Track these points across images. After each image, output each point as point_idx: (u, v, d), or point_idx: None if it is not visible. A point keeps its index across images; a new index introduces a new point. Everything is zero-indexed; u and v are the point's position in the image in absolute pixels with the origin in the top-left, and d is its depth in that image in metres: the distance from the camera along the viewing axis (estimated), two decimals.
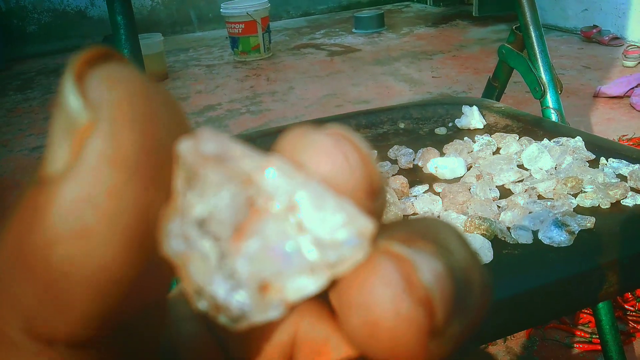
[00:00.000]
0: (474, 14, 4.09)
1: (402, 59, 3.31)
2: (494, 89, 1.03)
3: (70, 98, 0.09)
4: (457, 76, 2.87)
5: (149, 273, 0.10)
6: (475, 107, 0.85)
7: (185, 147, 0.10)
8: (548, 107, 0.86)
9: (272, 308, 0.11)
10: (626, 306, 1.20)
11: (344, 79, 3.02)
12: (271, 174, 0.10)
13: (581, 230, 0.53)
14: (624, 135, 1.98)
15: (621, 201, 0.58)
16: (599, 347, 1.10)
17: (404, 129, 0.89)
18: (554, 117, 0.87)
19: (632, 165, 0.63)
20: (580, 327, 1.18)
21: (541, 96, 0.87)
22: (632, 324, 1.17)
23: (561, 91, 0.88)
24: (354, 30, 4.12)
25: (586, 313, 1.19)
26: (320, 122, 0.87)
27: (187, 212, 0.10)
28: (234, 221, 0.10)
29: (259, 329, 0.13)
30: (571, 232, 0.51)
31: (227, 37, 3.79)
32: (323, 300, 0.14)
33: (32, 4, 4.20)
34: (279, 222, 0.10)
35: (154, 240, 0.10)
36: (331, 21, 4.59)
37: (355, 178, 0.11)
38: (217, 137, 0.11)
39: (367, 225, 0.10)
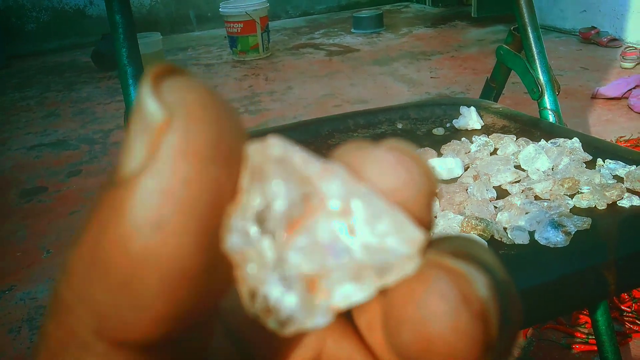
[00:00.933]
0: (472, 14, 4.10)
1: (400, 59, 3.31)
2: (492, 89, 1.03)
3: (148, 101, 0.10)
4: (456, 77, 2.88)
5: (214, 270, 0.11)
6: (473, 108, 0.85)
7: (253, 148, 0.11)
8: (545, 108, 0.86)
9: (319, 314, 0.11)
10: (622, 307, 1.21)
11: (342, 79, 3.02)
12: (331, 179, 0.11)
13: (577, 231, 0.53)
14: (621, 137, 1.99)
15: (617, 202, 0.58)
16: (596, 348, 1.10)
17: (402, 130, 0.89)
18: (551, 118, 0.87)
19: (629, 166, 0.63)
20: (577, 327, 1.18)
21: (539, 97, 0.87)
22: (628, 324, 1.17)
23: (559, 92, 0.88)
24: (352, 30, 4.12)
25: (583, 314, 1.19)
26: (320, 122, 0.86)
27: (248, 207, 0.11)
28: (289, 214, 0.11)
29: (285, 345, 0.14)
30: (567, 233, 0.51)
31: (225, 37, 3.79)
32: (347, 319, 0.14)
33: (31, 2, 4.20)
34: (331, 222, 0.11)
35: (220, 235, 0.11)
36: (330, 21, 4.59)
37: (418, 192, 0.11)
38: (284, 143, 0.11)
39: (418, 235, 0.11)
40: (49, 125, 2.69)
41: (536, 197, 0.61)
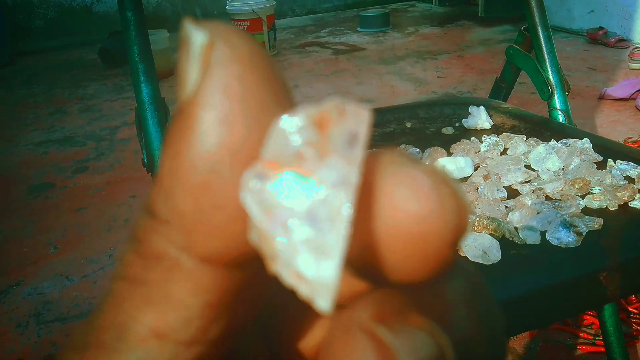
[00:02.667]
0: (479, 14, 4.09)
1: (407, 58, 3.31)
2: (501, 89, 1.03)
3: (192, 31, 0.11)
4: (462, 76, 2.87)
5: None
6: (482, 108, 0.85)
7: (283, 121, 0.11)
8: (555, 108, 0.86)
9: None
10: (630, 308, 1.20)
11: (348, 77, 3.02)
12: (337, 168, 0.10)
13: (589, 232, 0.53)
14: (629, 138, 1.98)
15: (629, 203, 0.58)
16: (602, 349, 1.10)
17: (411, 128, 0.89)
18: (561, 118, 0.87)
19: None
20: (583, 328, 1.18)
21: (548, 97, 0.87)
22: (635, 326, 1.17)
23: (568, 92, 0.88)
24: (359, 29, 4.12)
25: (589, 315, 1.19)
26: None
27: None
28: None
29: (294, 329, 0.14)
30: (579, 233, 0.51)
31: None
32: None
33: None
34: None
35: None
36: (336, 20, 4.58)
37: (446, 226, 0.11)
38: (305, 108, 0.11)
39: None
40: (56, 121, 2.70)
41: (547, 197, 0.61)
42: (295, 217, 0.10)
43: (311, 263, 0.10)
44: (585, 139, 0.70)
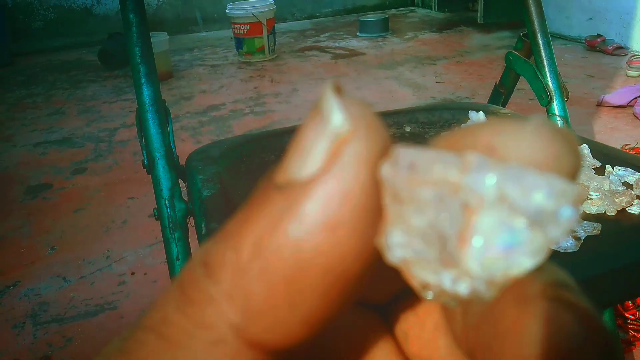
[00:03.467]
0: (478, 20, 4.11)
1: (406, 63, 3.32)
2: (500, 95, 1.03)
3: (335, 111, 0.11)
4: (461, 82, 2.88)
5: (365, 274, 0.11)
6: (481, 113, 0.85)
7: (386, 170, 0.11)
8: (554, 114, 0.86)
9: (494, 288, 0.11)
10: (626, 314, 1.21)
11: (347, 82, 3.02)
12: (476, 172, 0.10)
13: (587, 237, 0.53)
14: (626, 145, 1.99)
15: (627, 209, 0.58)
16: None
17: (410, 133, 0.90)
18: (559, 124, 0.87)
19: (638, 173, 0.64)
20: None
21: (547, 103, 0.87)
22: (632, 332, 1.17)
23: (567, 99, 0.89)
24: (358, 34, 4.13)
25: None
26: None
27: (408, 225, 0.11)
28: (456, 228, 0.10)
29: (336, 345, 0.14)
30: (577, 238, 0.51)
31: (232, 38, 3.80)
32: (387, 326, 0.15)
33: (38, 0, 4.22)
34: (493, 215, 0.10)
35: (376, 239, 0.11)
36: (336, 24, 4.60)
37: (566, 166, 0.11)
38: (410, 150, 0.11)
39: (571, 188, 0.10)
40: (55, 122, 2.70)
41: None
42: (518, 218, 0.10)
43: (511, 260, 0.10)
44: (584, 145, 0.71)
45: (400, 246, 0.11)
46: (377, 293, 0.15)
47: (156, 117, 0.71)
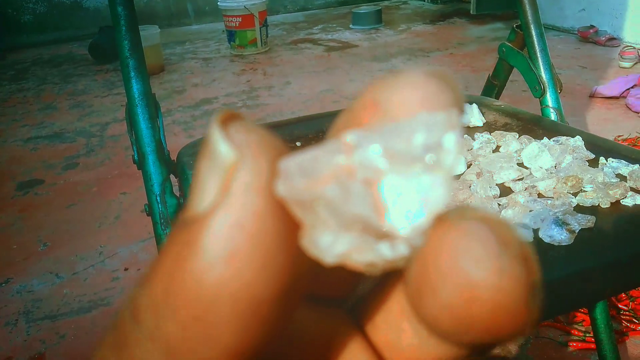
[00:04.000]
0: (471, 12, 4.09)
1: (399, 55, 3.31)
2: (494, 87, 1.03)
3: (220, 144, 0.11)
4: (454, 74, 2.88)
5: (284, 297, 0.11)
6: (474, 105, 0.85)
7: (281, 188, 0.11)
8: (548, 106, 0.86)
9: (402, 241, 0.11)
10: (620, 305, 1.21)
11: (341, 74, 3.01)
12: (357, 143, 0.11)
13: (581, 229, 0.53)
14: (619, 136, 1.99)
15: (621, 201, 0.58)
16: (593, 346, 1.11)
17: None
18: (553, 116, 0.87)
19: (632, 165, 0.63)
20: (574, 325, 1.18)
21: (541, 95, 0.87)
22: (625, 323, 1.18)
23: (561, 90, 0.88)
24: (351, 26, 4.11)
25: (580, 312, 1.19)
26: (316, 118, 0.86)
27: (328, 224, 0.11)
28: (370, 205, 0.11)
29: (299, 342, 0.14)
30: (571, 231, 0.51)
31: (223, 31, 3.77)
32: (353, 319, 0.15)
33: None
34: (392, 176, 0.11)
35: (288, 263, 0.11)
36: (329, 16, 4.58)
37: (443, 98, 0.11)
38: (292, 159, 0.11)
39: (445, 117, 0.11)
40: (46, 117, 2.67)
41: (539, 195, 0.61)
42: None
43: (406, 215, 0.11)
44: (578, 137, 0.70)
45: (331, 245, 0.11)
46: (334, 290, 0.15)
47: (146, 112, 0.70)
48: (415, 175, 0.11)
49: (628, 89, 2.33)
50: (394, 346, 0.14)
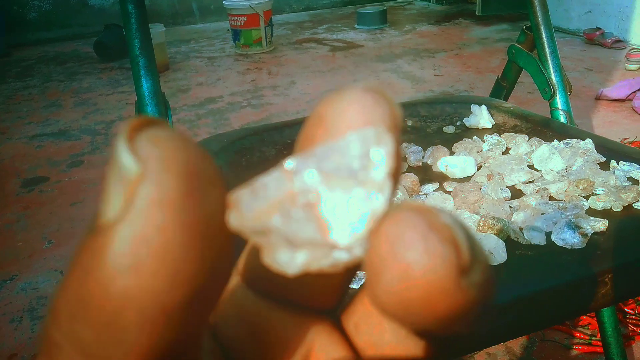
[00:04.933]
0: (477, 13, 4.09)
1: (404, 56, 3.30)
2: (502, 88, 1.03)
3: (123, 155, 0.11)
4: (460, 75, 2.87)
5: (193, 303, 0.12)
6: (484, 107, 0.85)
7: (233, 219, 0.12)
8: (557, 108, 0.86)
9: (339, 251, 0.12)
10: (626, 309, 1.21)
11: (345, 74, 3.01)
12: (294, 168, 0.12)
13: (594, 233, 0.52)
14: (625, 139, 1.99)
15: (633, 204, 0.57)
16: (599, 349, 1.10)
17: (412, 127, 0.89)
18: (562, 118, 0.87)
19: None
20: (579, 328, 1.18)
21: (550, 97, 0.87)
22: (631, 326, 1.18)
23: (570, 93, 0.88)
24: (356, 26, 4.11)
25: (586, 315, 1.19)
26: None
27: (283, 244, 0.12)
28: (315, 226, 0.12)
29: (274, 352, 0.15)
30: (584, 235, 0.51)
31: (228, 30, 3.77)
32: (335, 323, 0.16)
33: None
34: (330, 196, 0.12)
35: (196, 273, 0.11)
36: (334, 16, 4.57)
37: (387, 126, 0.12)
38: (242, 191, 0.12)
39: (375, 132, 0.12)
40: (51, 115, 2.68)
41: (551, 198, 0.60)
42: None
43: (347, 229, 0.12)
44: (588, 140, 0.70)
45: (290, 261, 0.12)
46: (322, 302, 0.16)
47: (156, 111, 0.70)
48: (350, 191, 0.12)
49: (634, 91, 2.33)
50: (376, 346, 0.15)
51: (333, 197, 0.12)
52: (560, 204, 0.57)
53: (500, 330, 0.44)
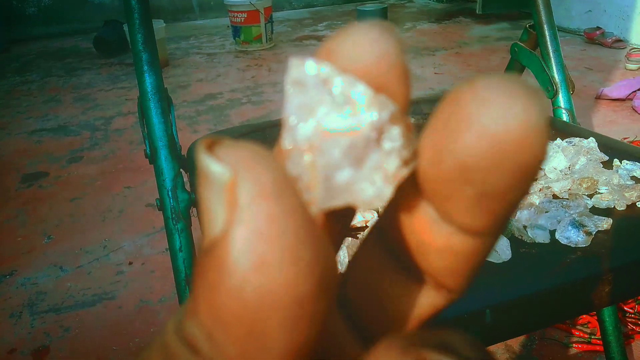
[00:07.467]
0: (477, 11, 4.08)
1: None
2: None
3: (212, 165, 0.11)
4: (460, 73, 2.87)
5: (324, 289, 0.12)
6: None
7: (287, 142, 0.13)
8: (560, 107, 0.86)
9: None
10: (625, 308, 1.21)
11: None
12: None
13: (598, 231, 0.52)
14: (625, 138, 1.99)
15: (637, 203, 0.57)
16: (598, 348, 1.11)
17: (414, 125, 0.89)
18: (565, 117, 0.87)
19: None
20: (579, 327, 1.18)
21: (553, 96, 0.87)
22: (631, 325, 1.18)
23: (573, 91, 0.88)
24: None
25: (586, 314, 1.19)
26: None
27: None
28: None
29: (399, 309, 0.16)
30: (588, 233, 0.51)
31: (228, 26, 3.76)
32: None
33: None
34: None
35: (316, 255, 0.11)
36: (334, 14, 4.57)
37: (393, 65, 0.13)
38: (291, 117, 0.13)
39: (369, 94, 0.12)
40: (50, 110, 2.67)
41: (554, 196, 0.60)
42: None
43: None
44: (591, 138, 0.70)
45: (343, 189, 0.13)
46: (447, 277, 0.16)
47: (158, 106, 0.69)
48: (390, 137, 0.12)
49: (634, 91, 2.33)
50: (425, 244, 0.15)
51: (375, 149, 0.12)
52: (564, 203, 0.58)
53: (503, 328, 0.44)
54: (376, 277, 0.16)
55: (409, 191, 0.14)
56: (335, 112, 0.12)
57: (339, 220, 0.15)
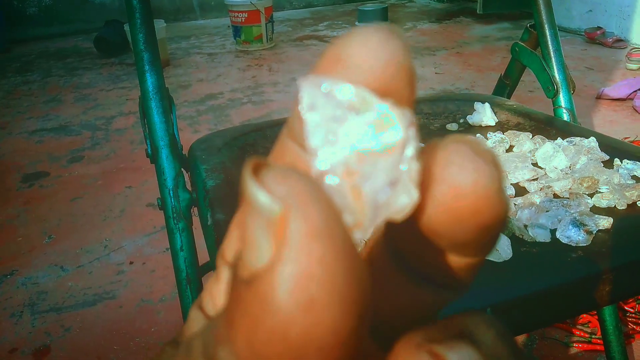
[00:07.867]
0: (478, 11, 4.08)
1: None
2: (505, 86, 1.03)
3: (261, 197, 0.11)
4: (460, 73, 2.87)
5: (361, 327, 0.12)
6: (487, 104, 0.85)
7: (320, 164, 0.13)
8: (560, 106, 0.86)
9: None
10: (626, 307, 1.21)
11: None
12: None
13: (598, 231, 0.52)
14: (625, 138, 1.99)
15: (637, 203, 0.57)
16: (598, 347, 1.11)
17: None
18: (565, 116, 0.87)
19: None
20: (579, 326, 1.18)
21: (554, 95, 0.87)
22: (631, 325, 1.18)
23: (574, 91, 0.88)
24: (357, 23, 4.10)
25: (586, 313, 1.19)
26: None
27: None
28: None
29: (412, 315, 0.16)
30: (589, 232, 0.51)
31: (229, 26, 3.77)
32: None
33: None
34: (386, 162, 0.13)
35: (361, 295, 0.11)
36: (335, 14, 4.57)
37: (400, 69, 0.13)
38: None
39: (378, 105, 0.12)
40: (51, 110, 2.67)
41: (555, 196, 0.60)
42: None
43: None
44: (592, 138, 0.70)
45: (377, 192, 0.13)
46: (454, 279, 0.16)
47: (160, 106, 0.70)
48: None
49: (635, 91, 2.33)
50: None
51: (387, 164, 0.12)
52: (565, 202, 0.58)
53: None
54: (381, 276, 0.16)
55: None
56: (361, 132, 0.12)
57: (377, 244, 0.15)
